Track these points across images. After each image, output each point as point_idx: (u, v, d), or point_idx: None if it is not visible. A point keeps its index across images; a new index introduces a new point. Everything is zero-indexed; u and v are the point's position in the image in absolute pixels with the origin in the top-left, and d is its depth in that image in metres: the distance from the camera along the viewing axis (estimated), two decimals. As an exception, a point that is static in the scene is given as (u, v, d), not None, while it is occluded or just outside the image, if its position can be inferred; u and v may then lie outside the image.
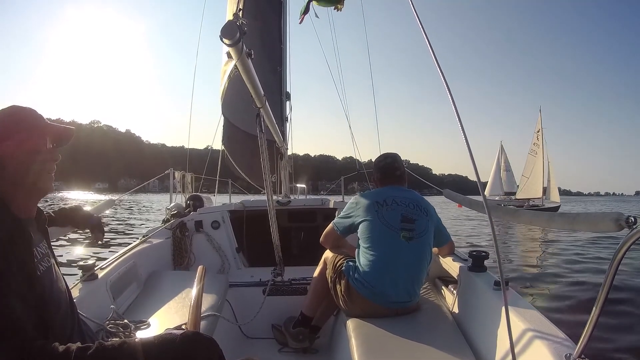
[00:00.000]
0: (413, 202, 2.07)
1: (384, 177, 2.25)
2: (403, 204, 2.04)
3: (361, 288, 1.91)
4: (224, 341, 1.34)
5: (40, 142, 1.10)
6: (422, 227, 1.99)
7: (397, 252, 1.92)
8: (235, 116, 4.43)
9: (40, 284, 1.01)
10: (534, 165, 34.16)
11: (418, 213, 2.03)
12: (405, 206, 2.03)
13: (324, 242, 2.31)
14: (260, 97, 1.98)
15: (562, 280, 6.31)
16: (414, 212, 2.02)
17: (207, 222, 3.23)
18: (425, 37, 1.20)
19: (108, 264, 2.10)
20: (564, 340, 1.18)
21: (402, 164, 2.29)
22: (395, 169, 2.24)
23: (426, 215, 2.05)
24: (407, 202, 2.06)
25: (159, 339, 1.02)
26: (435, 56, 1.17)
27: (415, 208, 2.04)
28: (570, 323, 3.83)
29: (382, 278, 1.89)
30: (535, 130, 34.65)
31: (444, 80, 1.14)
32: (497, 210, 1.76)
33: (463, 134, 1.11)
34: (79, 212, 1.72)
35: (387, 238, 1.95)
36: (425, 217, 2.04)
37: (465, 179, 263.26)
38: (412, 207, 2.04)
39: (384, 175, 2.25)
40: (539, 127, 34.16)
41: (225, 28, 1.35)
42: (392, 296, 1.89)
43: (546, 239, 12.21)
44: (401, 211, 2.01)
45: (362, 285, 1.91)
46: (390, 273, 1.90)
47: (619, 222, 0.89)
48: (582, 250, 9.74)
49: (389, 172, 2.24)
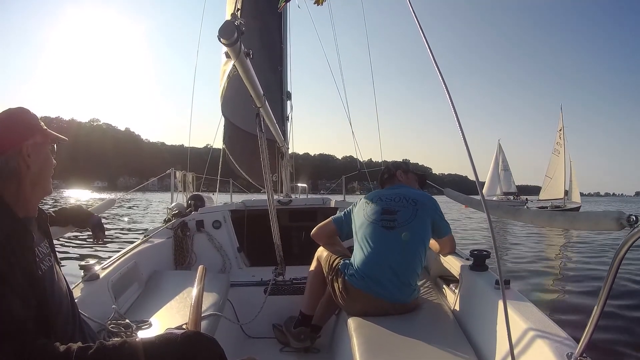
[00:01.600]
0: (399, 195, 2.14)
1: (380, 184, 2.47)
2: (387, 199, 2.14)
3: (356, 281, 1.96)
4: (225, 341, 1.34)
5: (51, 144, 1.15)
6: (405, 216, 2.04)
7: (380, 241, 2.00)
8: (235, 116, 4.42)
9: (42, 284, 1.01)
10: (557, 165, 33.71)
11: (402, 204, 2.09)
12: (390, 200, 2.13)
13: (316, 234, 2.39)
14: (260, 96, 1.98)
15: (564, 280, 6.31)
16: (397, 204, 2.10)
17: (208, 221, 3.23)
18: (423, 35, 1.20)
19: (109, 264, 2.11)
20: (565, 339, 1.18)
21: (390, 166, 2.48)
22: (383, 173, 2.46)
23: (414, 205, 2.09)
24: (392, 196, 2.15)
25: (160, 339, 1.02)
26: (433, 54, 1.17)
27: (400, 200, 2.11)
28: (572, 322, 3.83)
29: (373, 268, 1.95)
30: (557, 129, 34.18)
31: (442, 79, 1.13)
32: (497, 210, 1.76)
33: (461, 132, 1.10)
34: (79, 212, 1.72)
35: (370, 231, 2.04)
36: (413, 206, 2.08)
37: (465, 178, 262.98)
38: (397, 200, 2.12)
39: (380, 183, 2.49)
40: (560, 126, 33.66)
41: (223, 28, 1.35)
42: (387, 284, 1.91)
43: (548, 238, 12.21)
44: (383, 205, 2.12)
45: (356, 279, 1.97)
46: (379, 262, 1.96)
47: (620, 221, 0.89)
48: (585, 249, 9.74)
49: (380, 179, 2.48)
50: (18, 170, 1.04)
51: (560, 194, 33.19)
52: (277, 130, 3.29)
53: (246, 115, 4.28)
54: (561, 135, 33.64)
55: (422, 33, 1.20)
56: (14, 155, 1.03)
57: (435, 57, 1.15)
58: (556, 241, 11.59)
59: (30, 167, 1.06)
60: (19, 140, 1.05)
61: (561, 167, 33.30)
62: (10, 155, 1.03)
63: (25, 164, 1.05)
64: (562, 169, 33.15)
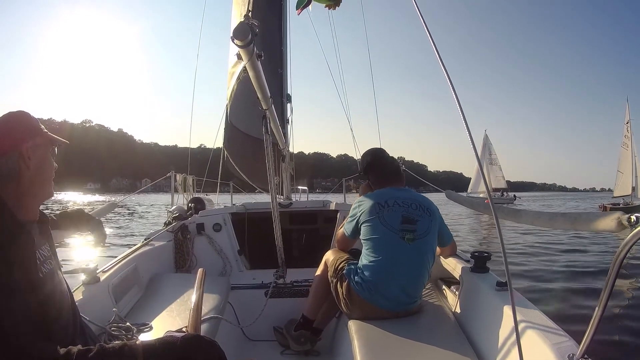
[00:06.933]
0: (415, 202, 2.04)
1: (382, 178, 2.21)
2: (405, 205, 2.01)
3: (362, 291, 1.90)
4: (226, 343, 1.34)
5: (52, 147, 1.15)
6: (424, 227, 1.97)
7: (398, 254, 1.90)
8: (238, 119, 4.43)
9: (42, 287, 1.01)
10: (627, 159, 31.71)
11: (420, 213, 2.00)
12: (407, 207, 2.00)
13: (338, 246, 2.32)
14: (267, 99, 1.98)
15: (565, 280, 6.29)
16: (415, 212, 2.00)
17: (208, 224, 3.23)
18: (427, 31, 1.20)
19: (110, 267, 2.11)
20: (566, 340, 1.18)
21: (396, 160, 2.29)
22: (397, 167, 2.23)
23: (429, 215, 2.02)
24: (409, 202, 2.03)
25: (160, 342, 1.02)
26: (438, 50, 1.17)
27: (417, 208, 2.02)
28: (573, 323, 3.82)
29: (383, 281, 1.88)
30: (624, 122, 32.65)
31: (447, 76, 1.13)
32: (499, 211, 1.76)
33: (468, 132, 1.10)
34: (80, 215, 1.72)
35: (388, 240, 1.92)
36: (428, 217, 2.01)
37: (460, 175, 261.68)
38: (414, 207, 2.01)
39: (382, 176, 2.22)
40: (627, 118, 32.24)
41: (238, 29, 1.33)
42: (393, 299, 1.88)
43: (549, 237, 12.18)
44: (402, 212, 1.98)
45: (362, 289, 1.90)
46: (392, 276, 1.89)
47: (621, 221, 0.89)
48: (585, 249, 9.71)
49: (388, 173, 2.22)
50: (18, 173, 1.04)
51: (626, 190, 31.27)
52: (280, 133, 3.29)
53: (249, 117, 4.29)
54: (628, 128, 32.02)
55: (427, 30, 1.20)
56: (14, 158, 1.03)
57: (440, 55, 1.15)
58: (556, 239, 11.58)
59: (31, 170, 1.06)
60: (19, 142, 1.05)
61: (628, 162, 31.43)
62: (10, 157, 1.03)
63: (26, 166, 1.05)
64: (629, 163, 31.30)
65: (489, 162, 43.51)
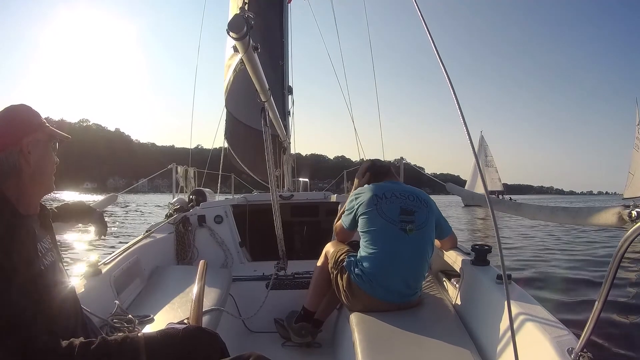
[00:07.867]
0: (412, 194, 2.07)
1: (377, 175, 2.26)
2: (402, 197, 2.04)
3: (362, 283, 1.91)
4: (227, 335, 1.35)
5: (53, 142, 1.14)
6: (422, 218, 1.98)
7: (397, 245, 1.91)
8: (238, 110, 4.42)
9: (44, 279, 1.02)
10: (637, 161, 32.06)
11: (417, 205, 2.03)
12: (405, 198, 2.03)
13: (338, 238, 2.35)
14: (265, 91, 1.97)
15: (566, 275, 6.30)
16: (413, 203, 2.02)
17: (210, 216, 3.24)
18: (428, 33, 1.19)
19: (111, 259, 2.12)
20: (566, 334, 1.18)
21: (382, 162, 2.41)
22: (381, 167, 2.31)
23: (426, 207, 2.04)
24: (406, 194, 2.06)
25: (161, 334, 1.03)
26: (438, 50, 1.16)
27: (415, 200, 2.04)
28: (573, 317, 3.84)
29: (383, 272, 1.89)
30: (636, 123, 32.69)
31: (447, 76, 1.12)
32: (500, 204, 1.76)
33: (468, 134, 1.10)
34: (81, 208, 1.73)
35: (386, 231, 1.94)
36: (426, 208, 2.04)
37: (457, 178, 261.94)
38: (411, 199, 2.04)
39: (377, 173, 2.27)
40: (638, 120, 32.25)
41: (233, 22, 1.33)
42: (393, 291, 1.89)
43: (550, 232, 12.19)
44: (400, 204, 2.00)
45: (363, 280, 1.91)
46: (391, 267, 1.90)
47: (622, 216, 0.89)
48: (586, 244, 9.72)
49: (380, 170, 2.28)
50: (18, 167, 1.04)
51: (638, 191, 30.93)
52: (280, 125, 3.29)
53: (249, 109, 4.28)
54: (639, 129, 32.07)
55: (428, 31, 1.19)
56: (14, 152, 1.03)
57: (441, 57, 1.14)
58: (557, 234, 11.59)
59: (31, 165, 1.05)
60: (19, 136, 1.04)
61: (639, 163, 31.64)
62: (10, 151, 1.03)
63: (26, 161, 1.04)
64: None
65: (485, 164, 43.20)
